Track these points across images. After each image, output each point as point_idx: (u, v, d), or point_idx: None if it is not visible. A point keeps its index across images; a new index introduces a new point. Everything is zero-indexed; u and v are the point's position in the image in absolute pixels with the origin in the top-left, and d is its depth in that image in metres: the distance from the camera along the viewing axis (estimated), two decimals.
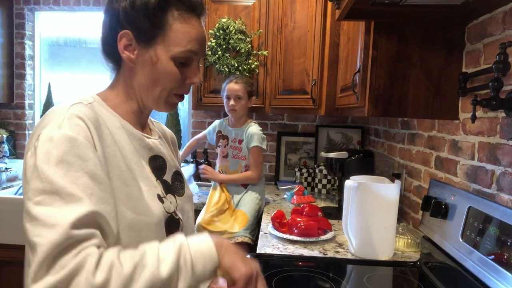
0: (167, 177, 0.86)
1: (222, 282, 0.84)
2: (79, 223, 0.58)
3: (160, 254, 0.62)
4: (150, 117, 0.92)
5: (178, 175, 0.91)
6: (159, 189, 0.80)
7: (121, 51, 0.77)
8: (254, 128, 2.04)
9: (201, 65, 2.09)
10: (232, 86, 2.00)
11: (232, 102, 2.00)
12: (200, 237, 0.67)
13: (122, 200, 0.70)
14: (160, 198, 0.79)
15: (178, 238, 0.66)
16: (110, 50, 0.79)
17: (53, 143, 0.63)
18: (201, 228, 1.95)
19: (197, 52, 0.79)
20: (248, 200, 2.02)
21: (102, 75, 2.85)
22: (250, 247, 1.89)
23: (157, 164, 0.84)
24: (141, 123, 0.86)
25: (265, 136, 2.06)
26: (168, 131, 1.02)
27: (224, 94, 2.03)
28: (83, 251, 0.56)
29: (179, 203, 0.86)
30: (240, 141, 2.07)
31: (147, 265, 0.59)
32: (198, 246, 0.65)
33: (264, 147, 2.04)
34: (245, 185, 2.08)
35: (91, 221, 0.60)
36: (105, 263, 0.57)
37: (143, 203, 0.74)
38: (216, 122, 2.21)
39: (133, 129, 0.81)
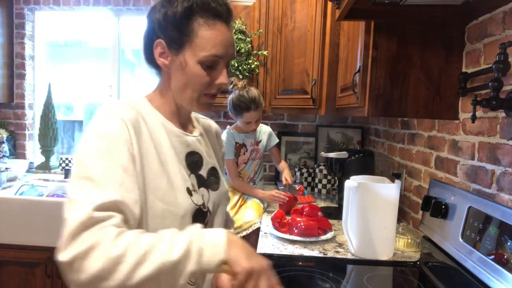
0: (203, 172, 0.94)
1: (226, 280, 0.90)
2: (101, 207, 0.67)
3: (174, 239, 0.68)
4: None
5: (214, 170, 0.99)
6: (190, 183, 0.88)
7: (156, 58, 0.87)
8: (268, 127, 2.24)
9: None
10: (252, 115, 2.00)
11: (254, 126, 2.06)
12: (217, 230, 0.72)
13: (153, 190, 0.79)
14: (189, 191, 0.86)
15: (194, 227, 0.72)
16: (150, 57, 0.89)
17: (94, 139, 0.76)
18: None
19: (222, 55, 0.85)
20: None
21: (102, 75, 2.85)
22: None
23: (194, 159, 0.92)
24: (182, 121, 0.95)
25: None
26: (214, 125, 1.11)
27: (243, 120, 2.02)
28: (103, 229, 0.65)
29: (212, 196, 0.94)
30: (258, 143, 2.17)
31: (161, 247, 0.66)
32: (210, 238, 0.69)
33: None
34: (254, 181, 2.19)
35: (113, 206, 0.69)
36: (123, 239, 0.65)
37: (171, 194, 0.82)
38: (225, 138, 2.06)
39: (173, 127, 0.90)
